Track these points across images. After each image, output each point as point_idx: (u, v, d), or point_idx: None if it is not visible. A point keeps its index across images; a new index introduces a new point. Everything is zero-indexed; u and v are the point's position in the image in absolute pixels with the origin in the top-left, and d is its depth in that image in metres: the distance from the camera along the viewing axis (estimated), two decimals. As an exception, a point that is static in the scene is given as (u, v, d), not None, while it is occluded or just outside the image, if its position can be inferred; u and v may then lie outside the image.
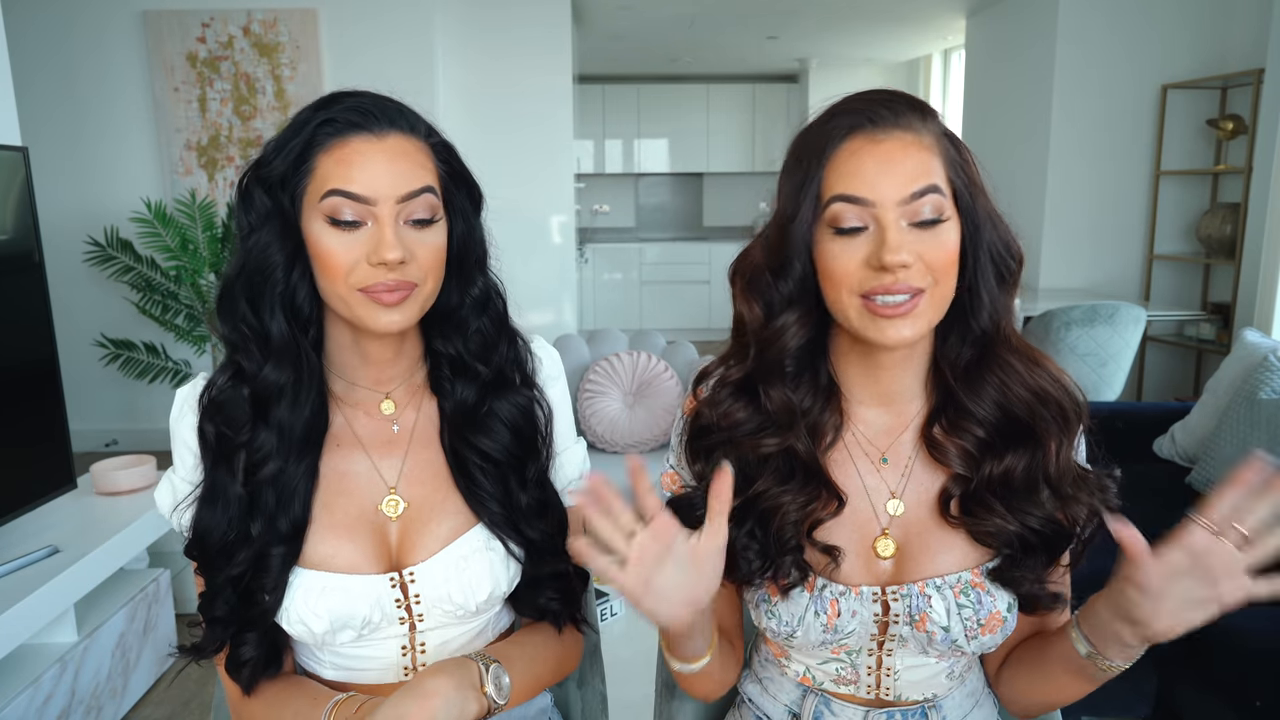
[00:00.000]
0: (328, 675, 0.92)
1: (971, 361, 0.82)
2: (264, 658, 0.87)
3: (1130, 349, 3.43)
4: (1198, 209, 4.34)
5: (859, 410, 0.88)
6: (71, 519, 2.12)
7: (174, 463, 0.90)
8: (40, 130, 3.78)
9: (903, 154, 0.75)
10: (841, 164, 0.76)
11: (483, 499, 0.90)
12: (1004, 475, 0.81)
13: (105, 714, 2.03)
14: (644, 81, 7.88)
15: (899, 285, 0.74)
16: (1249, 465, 0.67)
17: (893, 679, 0.87)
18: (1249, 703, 1.61)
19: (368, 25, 4.13)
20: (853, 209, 0.75)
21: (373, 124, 0.81)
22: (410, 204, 0.80)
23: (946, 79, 6.63)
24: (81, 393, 3.93)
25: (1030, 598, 0.83)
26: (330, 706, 0.83)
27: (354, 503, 0.89)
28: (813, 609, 0.84)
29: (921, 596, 0.83)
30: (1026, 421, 0.81)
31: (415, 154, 0.82)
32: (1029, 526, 0.80)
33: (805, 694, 0.93)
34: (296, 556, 0.85)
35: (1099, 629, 0.77)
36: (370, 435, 0.91)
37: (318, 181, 0.80)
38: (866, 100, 0.79)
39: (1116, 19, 4.34)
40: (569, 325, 5.00)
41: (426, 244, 0.82)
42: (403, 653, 0.90)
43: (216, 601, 0.84)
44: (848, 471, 0.87)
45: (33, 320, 2.05)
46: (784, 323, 0.82)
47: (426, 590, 0.87)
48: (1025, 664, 0.89)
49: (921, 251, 0.75)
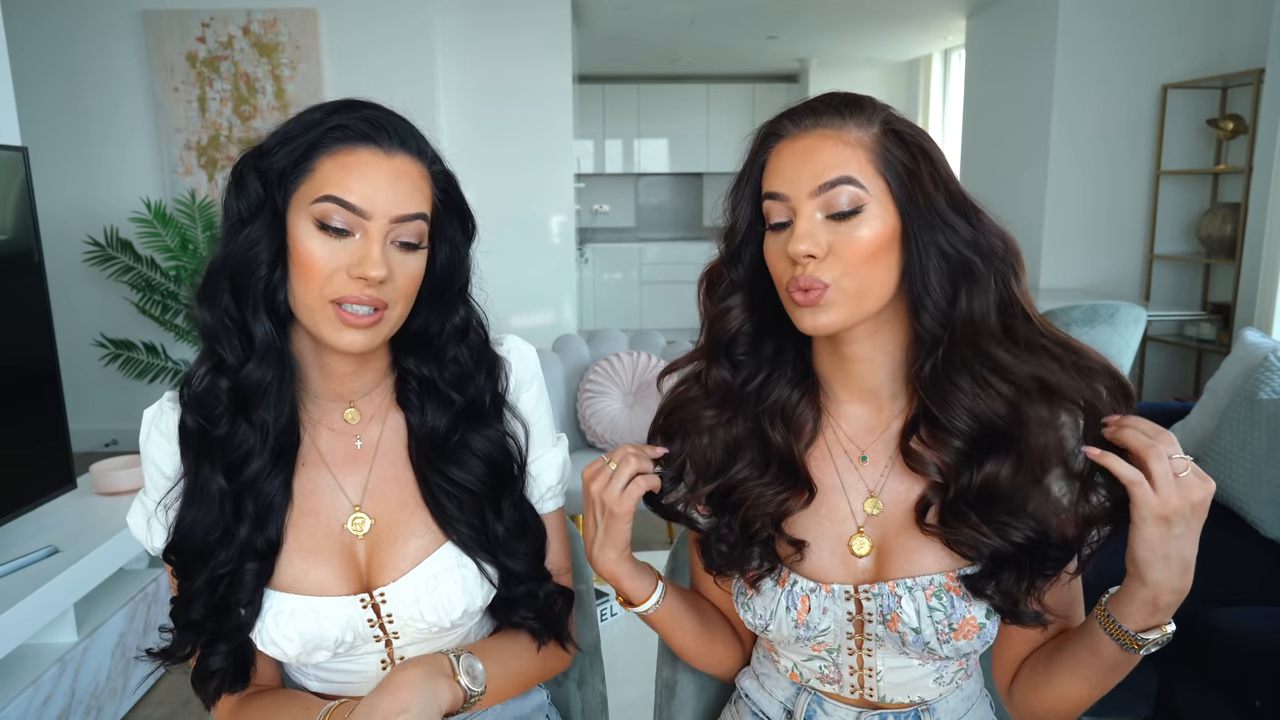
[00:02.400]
0: (314, 688, 0.92)
1: (935, 368, 0.80)
2: (232, 671, 0.86)
3: (1130, 349, 3.43)
4: (1198, 209, 4.33)
5: (840, 407, 0.89)
6: (71, 519, 2.12)
7: (145, 484, 0.89)
8: (40, 130, 3.78)
9: (818, 147, 0.78)
10: (770, 165, 0.81)
11: (452, 521, 0.88)
12: (986, 483, 0.78)
13: (105, 714, 2.03)
14: (644, 81, 7.87)
15: (806, 278, 0.77)
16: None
17: (875, 679, 0.88)
18: (1249, 703, 1.61)
19: (368, 25, 4.13)
20: (776, 204, 0.80)
21: (384, 139, 0.80)
22: (402, 226, 0.80)
23: (946, 79, 6.63)
24: (81, 393, 3.93)
25: (1001, 610, 0.81)
26: (323, 714, 0.84)
27: (320, 523, 0.88)
28: (784, 603, 0.85)
29: (892, 596, 0.83)
30: (1003, 426, 0.78)
31: (417, 178, 0.82)
32: (1009, 540, 0.77)
33: (799, 692, 0.93)
34: (270, 574, 0.84)
35: (1130, 604, 0.75)
36: (332, 452, 0.90)
37: (315, 183, 0.79)
38: (801, 105, 0.83)
39: (1117, 19, 4.34)
40: (569, 325, 5.00)
41: (407, 268, 0.81)
42: (383, 666, 0.89)
43: (192, 606, 0.83)
44: (826, 468, 0.88)
45: (33, 320, 2.05)
46: (729, 304, 0.87)
47: (398, 610, 0.87)
48: (1041, 671, 0.86)
49: (833, 243, 0.77)
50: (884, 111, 0.81)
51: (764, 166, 0.82)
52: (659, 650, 1.11)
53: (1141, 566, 0.72)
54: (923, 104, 6.87)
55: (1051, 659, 0.84)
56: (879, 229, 0.77)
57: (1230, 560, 1.95)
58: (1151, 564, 0.71)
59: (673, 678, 1.09)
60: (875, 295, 0.78)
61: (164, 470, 0.86)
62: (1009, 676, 0.91)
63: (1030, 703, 0.87)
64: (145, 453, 0.87)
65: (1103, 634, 0.77)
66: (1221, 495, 2.14)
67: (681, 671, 1.09)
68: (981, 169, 5.33)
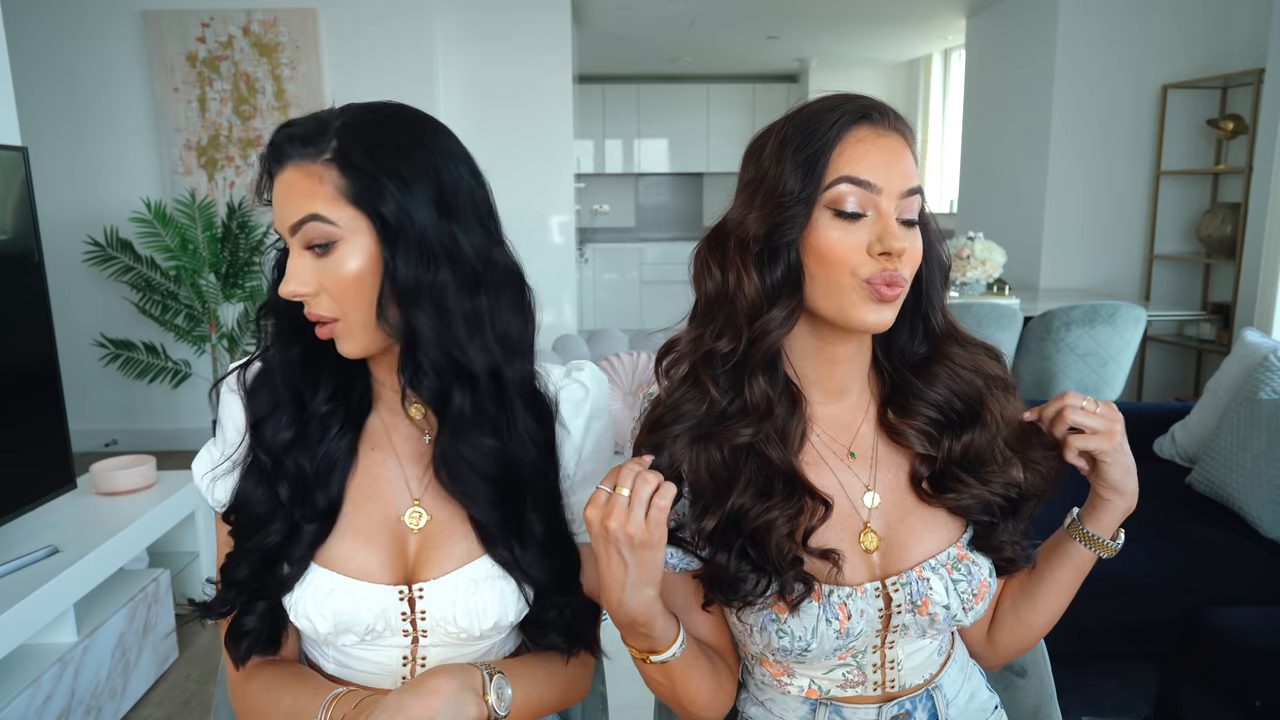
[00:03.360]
0: (328, 669, 0.92)
1: (926, 355, 0.89)
2: (264, 634, 0.87)
3: (1130, 349, 3.43)
4: (1198, 209, 4.34)
5: (817, 410, 0.88)
6: (71, 519, 2.12)
7: (216, 435, 0.91)
8: (40, 130, 3.78)
9: (902, 151, 0.80)
10: (849, 149, 0.78)
11: (491, 538, 0.87)
12: (965, 449, 0.86)
13: (105, 714, 2.03)
14: (644, 81, 7.88)
15: (900, 273, 0.78)
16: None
17: (896, 670, 0.88)
18: (1249, 703, 1.61)
19: (368, 25, 4.13)
20: (857, 192, 0.77)
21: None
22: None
23: (946, 79, 6.63)
24: (81, 393, 3.93)
25: (1010, 561, 0.90)
26: (330, 699, 0.83)
27: (379, 508, 0.89)
28: (824, 617, 0.82)
29: (920, 580, 0.84)
30: (973, 400, 0.87)
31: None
32: (995, 491, 0.86)
33: (815, 707, 0.91)
34: (327, 534, 0.86)
35: (1107, 515, 0.88)
36: (403, 441, 0.91)
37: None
38: (871, 101, 0.81)
39: (1116, 19, 4.34)
40: (569, 325, 5.00)
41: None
42: (403, 663, 0.89)
43: (241, 564, 0.85)
44: (821, 472, 0.87)
45: (32, 320, 2.05)
46: (774, 316, 0.80)
47: (433, 608, 0.87)
48: (1025, 600, 0.94)
49: (905, 247, 0.79)
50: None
51: (835, 147, 0.77)
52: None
53: (1120, 485, 0.86)
54: (922, 104, 6.87)
55: (1030, 588, 0.94)
56: (920, 241, 0.82)
57: (1230, 560, 1.95)
58: (1125, 479, 0.86)
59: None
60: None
61: (238, 424, 0.88)
62: (986, 623, 0.97)
63: (1015, 635, 0.96)
64: (224, 405, 0.90)
65: (1081, 549, 0.90)
66: (1221, 495, 2.14)
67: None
68: (981, 169, 5.32)
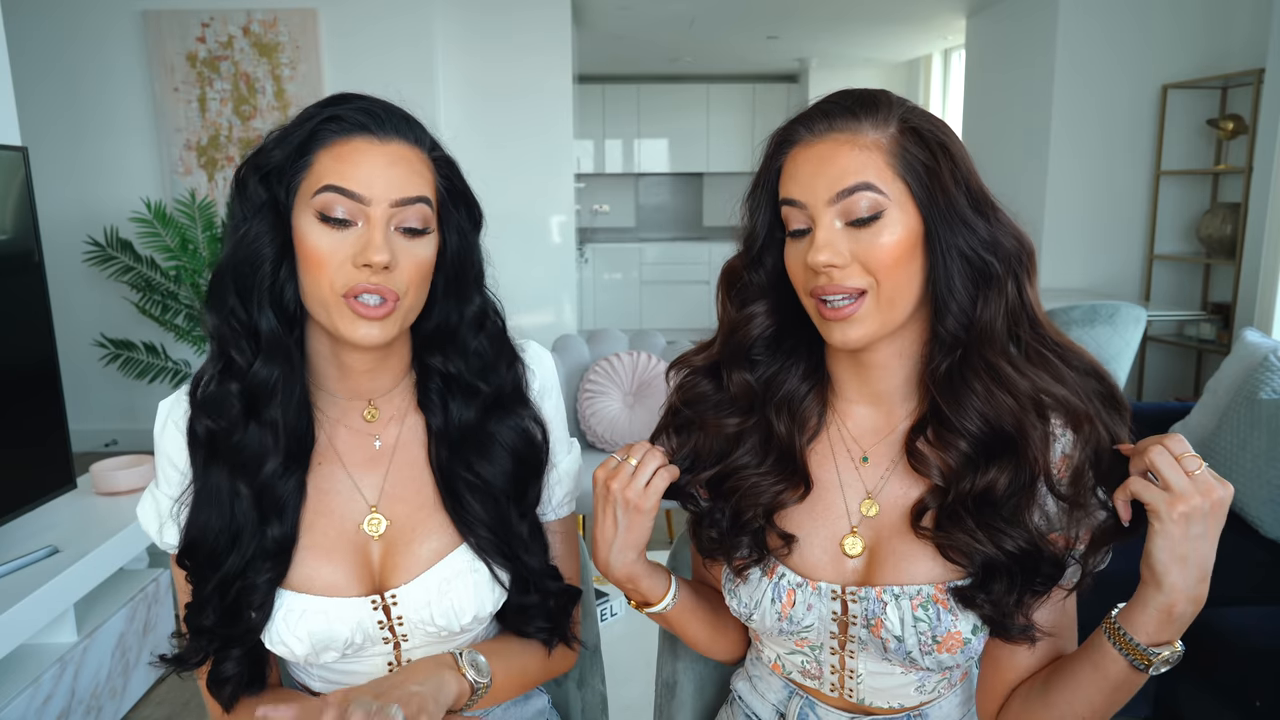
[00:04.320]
0: (316, 687, 0.93)
1: (951, 368, 0.78)
2: (246, 675, 0.86)
3: (1130, 349, 3.43)
4: (1198, 209, 4.33)
5: (848, 407, 0.88)
6: (71, 519, 2.12)
7: (157, 477, 0.89)
8: (40, 130, 3.78)
9: (833, 154, 0.76)
10: (785, 170, 0.79)
11: (471, 523, 0.88)
12: (986, 490, 0.77)
13: (105, 714, 2.03)
14: (644, 81, 7.87)
15: (833, 286, 0.76)
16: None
17: (856, 681, 0.87)
18: (1249, 703, 1.61)
19: (368, 25, 4.13)
20: (794, 211, 0.78)
21: (377, 127, 0.80)
22: (403, 210, 0.79)
23: (946, 79, 6.63)
24: (81, 393, 3.93)
25: (990, 622, 0.79)
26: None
27: (334, 523, 0.87)
28: (770, 595, 0.86)
29: (877, 601, 0.82)
30: (1012, 432, 0.77)
31: (415, 163, 0.81)
32: (1002, 548, 0.76)
33: (791, 695, 0.93)
34: (283, 576, 0.84)
35: (1143, 613, 0.72)
36: (350, 451, 0.89)
37: (314, 177, 0.79)
38: (814, 107, 0.80)
39: (1116, 19, 4.34)
40: (569, 325, 5.00)
41: (414, 255, 0.81)
42: (389, 669, 0.89)
43: (204, 611, 0.83)
44: (826, 465, 0.87)
45: (33, 320, 2.05)
46: (752, 311, 0.85)
47: (409, 613, 0.87)
48: (1037, 696, 0.82)
49: (857, 250, 0.75)
50: (900, 108, 0.78)
51: (780, 172, 0.80)
52: (659, 650, 1.11)
53: (1159, 570, 0.69)
54: (922, 104, 6.86)
55: (1049, 682, 0.81)
56: (900, 234, 0.75)
57: (1230, 560, 1.94)
58: (1170, 566, 0.69)
59: (672, 678, 1.09)
60: (903, 302, 0.77)
61: (177, 464, 0.86)
62: (997, 704, 0.87)
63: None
64: (159, 446, 0.87)
65: (1110, 649, 0.74)
66: (1221, 495, 2.13)
67: (681, 672, 1.09)
68: (981, 169, 5.25)
